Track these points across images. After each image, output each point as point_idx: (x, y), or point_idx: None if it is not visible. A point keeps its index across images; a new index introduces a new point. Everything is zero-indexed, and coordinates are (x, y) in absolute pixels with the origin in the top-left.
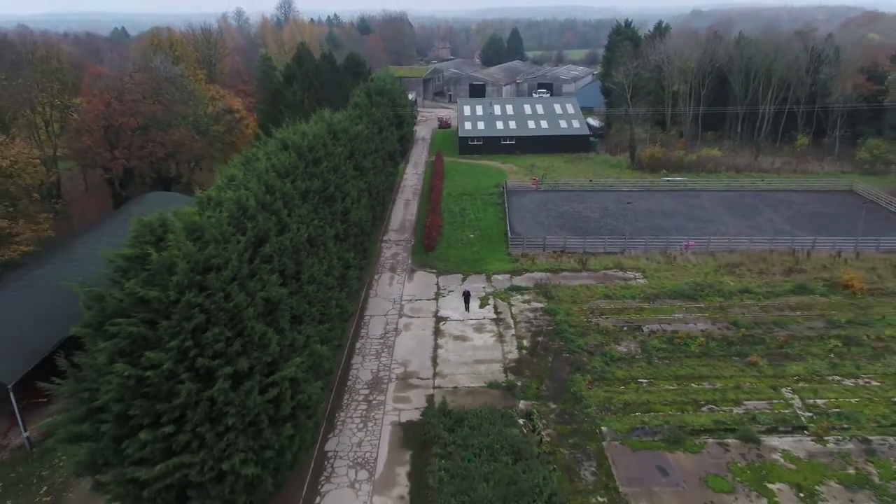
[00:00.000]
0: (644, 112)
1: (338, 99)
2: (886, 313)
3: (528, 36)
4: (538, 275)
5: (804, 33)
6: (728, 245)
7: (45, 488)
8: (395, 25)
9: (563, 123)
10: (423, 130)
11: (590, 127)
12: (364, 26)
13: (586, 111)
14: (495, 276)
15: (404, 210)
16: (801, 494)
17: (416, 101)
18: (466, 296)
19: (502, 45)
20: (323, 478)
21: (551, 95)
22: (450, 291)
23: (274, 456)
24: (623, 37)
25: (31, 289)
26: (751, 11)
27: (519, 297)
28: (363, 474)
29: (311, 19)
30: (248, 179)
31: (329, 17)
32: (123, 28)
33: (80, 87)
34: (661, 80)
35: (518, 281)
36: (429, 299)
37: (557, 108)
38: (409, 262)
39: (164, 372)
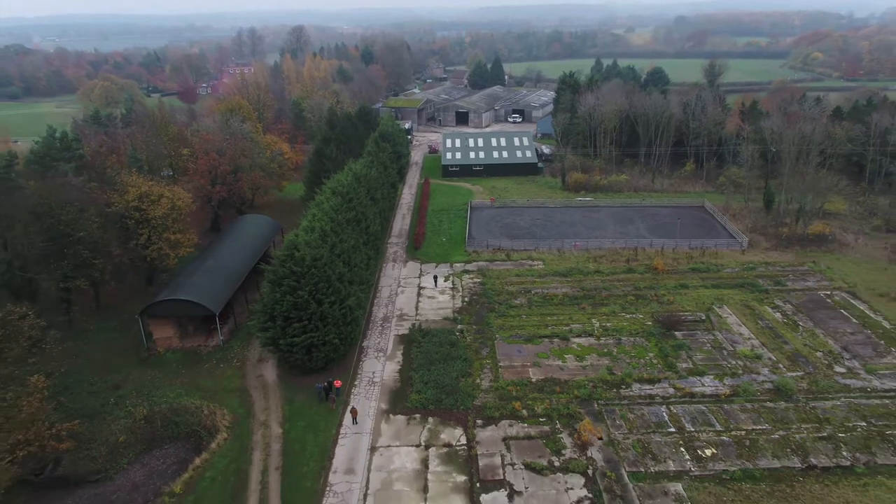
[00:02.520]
0: (574, 148)
1: (357, 147)
2: (668, 283)
3: (518, 47)
4: (481, 263)
5: (685, 92)
6: (600, 245)
7: (234, 359)
8: (395, 53)
9: (518, 153)
10: (417, 155)
11: (542, 153)
12: (368, 54)
13: (548, 137)
14: (456, 264)
15: (401, 222)
16: (577, 358)
17: (412, 127)
18: (435, 277)
19: (486, 70)
20: (363, 355)
21: (523, 120)
22: (427, 273)
23: (345, 338)
24: (566, 85)
25: (210, 271)
26: (732, 18)
27: (467, 276)
28: (381, 354)
29: (322, 48)
30: (321, 215)
31: (337, 45)
32: (155, 52)
33: (179, 138)
34: (590, 122)
35: (469, 267)
36: (415, 277)
37: (515, 141)
38: (404, 256)
39: (304, 299)
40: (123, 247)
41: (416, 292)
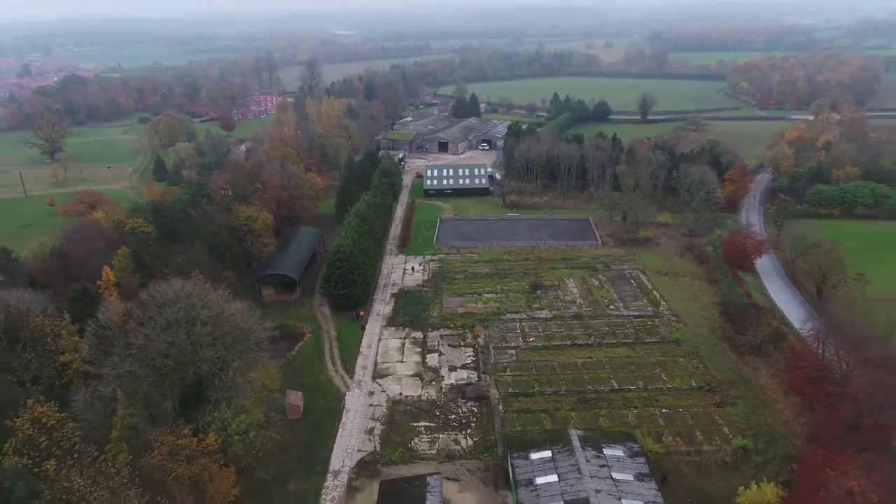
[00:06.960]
0: (513, 178)
1: (367, 180)
2: (546, 266)
3: (502, 66)
4: (442, 256)
5: (587, 142)
6: (514, 244)
7: (306, 304)
8: (392, 87)
9: (477, 180)
10: (408, 179)
11: (495, 178)
12: (370, 88)
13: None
14: (427, 256)
15: (395, 229)
16: (484, 303)
17: (404, 156)
18: (413, 267)
19: (466, 102)
20: (373, 302)
21: (490, 148)
22: (409, 262)
23: (365, 292)
24: (512, 132)
25: (289, 259)
26: (702, 33)
27: (433, 263)
28: (383, 301)
29: (333, 82)
30: (350, 230)
31: (344, 78)
32: (193, 82)
33: (252, 174)
34: (522, 160)
35: (434, 258)
36: (402, 264)
37: (476, 171)
38: (396, 251)
39: (344, 272)
40: (237, 246)
41: (402, 272)
